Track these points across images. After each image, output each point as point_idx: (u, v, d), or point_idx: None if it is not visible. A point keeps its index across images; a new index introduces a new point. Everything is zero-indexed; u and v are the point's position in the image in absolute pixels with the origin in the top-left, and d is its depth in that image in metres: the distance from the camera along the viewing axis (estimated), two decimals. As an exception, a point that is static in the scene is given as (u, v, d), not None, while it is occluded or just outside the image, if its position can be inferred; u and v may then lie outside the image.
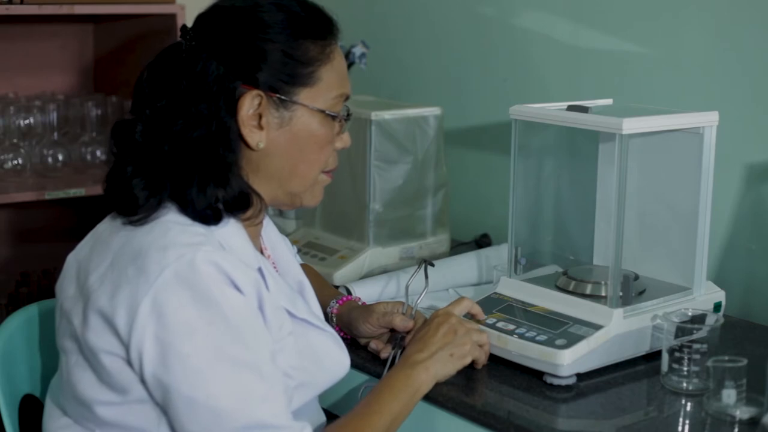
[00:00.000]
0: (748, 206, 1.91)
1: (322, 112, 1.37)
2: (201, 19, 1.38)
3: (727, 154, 1.77)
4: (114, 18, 2.75)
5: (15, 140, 2.54)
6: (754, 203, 1.91)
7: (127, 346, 1.22)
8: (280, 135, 1.36)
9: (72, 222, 2.87)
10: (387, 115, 2.08)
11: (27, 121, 2.57)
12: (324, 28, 1.39)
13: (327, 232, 2.19)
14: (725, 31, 1.94)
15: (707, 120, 1.62)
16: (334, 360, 1.44)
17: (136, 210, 1.29)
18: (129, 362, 1.23)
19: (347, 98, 1.43)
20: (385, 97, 2.46)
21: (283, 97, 1.34)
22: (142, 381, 1.24)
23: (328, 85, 1.38)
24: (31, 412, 1.57)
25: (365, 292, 1.87)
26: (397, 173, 2.11)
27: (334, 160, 1.44)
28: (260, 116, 1.34)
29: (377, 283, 1.91)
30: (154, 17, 2.57)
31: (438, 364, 1.45)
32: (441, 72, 2.56)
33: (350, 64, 2.55)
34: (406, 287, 1.63)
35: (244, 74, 1.32)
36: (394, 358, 1.57)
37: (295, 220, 2.36)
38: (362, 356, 1.62)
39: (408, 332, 1.59)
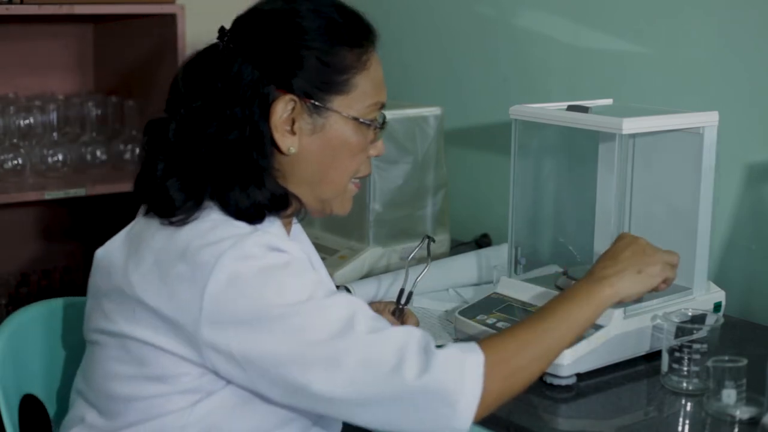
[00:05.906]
0: (748, 206, 1.91)
1: (356, 119, 1.37)
2: (239, 21, 1.37)
3: (727, 154, 1.77)
4: (114, 18, 2.74)
5: (15, 140, 2.54)
6: (754, 203, 1.91)
7: (194, 341, 1.23)
8: (313, 141, 1.35)
9: (72, 222, 2.86)
10: (387, 115, 2.07)
11: (27, 121, 2.57)
12: (361, 35, 1.37)
13: (327, 232, 2.19)
14: (725, 31, 1.94)
15: (707, 120, 1.62)
16: None
17: (173, 211, 1.30)
18: (199, 360, 1.24)
19: (383, 106, 1.42)
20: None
21: (317, 104, 1.34)
22: (213, 371, 1.24)
23: (363, 93, 1.37)
24: (30, 412, 1.57)
25: (365, 292, 1.87)
26: (397, 173, 2.11)
27: (366, 167, 1.43)
28: (293, 121, 1.34)
29: (377, 283, 1.91)
30: (154, 17, 2.57)
31: (624, 281, 1.40)
32: (441, 72, 2.56)
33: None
34: (407, 262, 1.61)
35: (279, 79, 1.32)
36: None
37: (295, 220, 2.36)
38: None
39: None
